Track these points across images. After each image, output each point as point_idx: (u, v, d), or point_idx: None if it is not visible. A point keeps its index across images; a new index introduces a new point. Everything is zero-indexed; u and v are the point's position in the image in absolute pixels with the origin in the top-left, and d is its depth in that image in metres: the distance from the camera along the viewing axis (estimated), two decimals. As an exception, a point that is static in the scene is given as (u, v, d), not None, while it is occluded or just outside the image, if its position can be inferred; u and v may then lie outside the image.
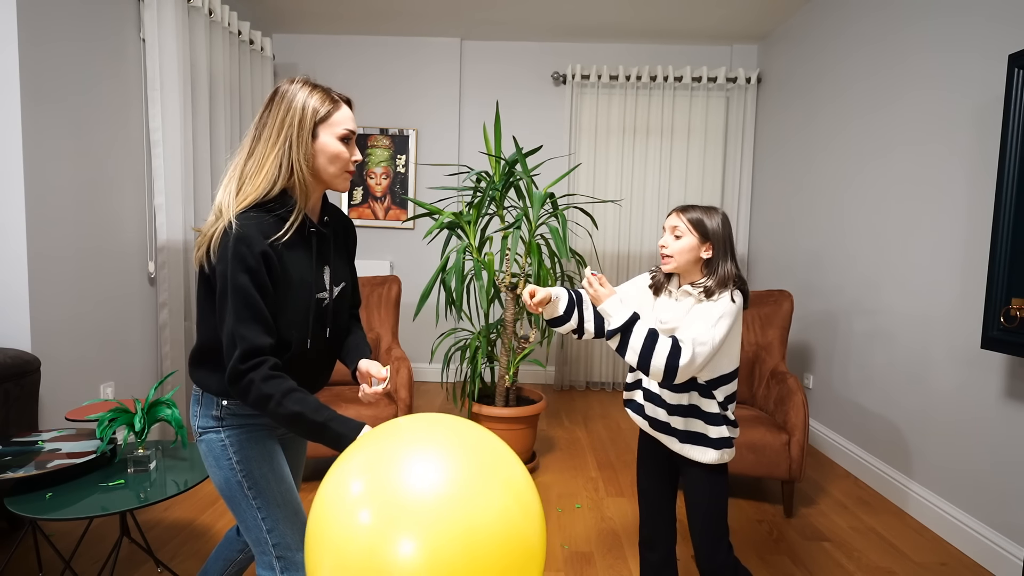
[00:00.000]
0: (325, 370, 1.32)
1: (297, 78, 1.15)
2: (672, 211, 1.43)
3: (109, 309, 2.59)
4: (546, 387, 4.44)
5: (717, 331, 1.28)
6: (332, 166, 1.15)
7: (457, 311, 2.74)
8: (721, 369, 1.38)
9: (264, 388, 1.04)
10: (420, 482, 0.78)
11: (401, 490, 0.77)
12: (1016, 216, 1.79)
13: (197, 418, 1.21)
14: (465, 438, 0.87)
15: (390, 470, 0.80)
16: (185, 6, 2.87)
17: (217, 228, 1.08)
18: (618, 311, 1.31)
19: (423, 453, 0.83)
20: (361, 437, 0.90)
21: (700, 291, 1.35)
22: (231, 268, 1.05)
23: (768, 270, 3.97)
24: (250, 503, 1.18)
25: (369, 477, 0.80)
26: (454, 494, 0.78)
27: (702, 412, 1.40)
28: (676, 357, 1.25)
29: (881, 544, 2.23)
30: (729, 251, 1.38)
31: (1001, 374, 2.07)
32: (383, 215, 4.37)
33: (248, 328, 1.05)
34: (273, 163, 1.10)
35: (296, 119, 1.10)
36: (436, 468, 0.80)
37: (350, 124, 1.16)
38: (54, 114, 2.28)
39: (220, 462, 1.18)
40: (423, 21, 3.98)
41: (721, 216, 1.39)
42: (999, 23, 2.12)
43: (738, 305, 1.32)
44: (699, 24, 3.88)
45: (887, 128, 2.73)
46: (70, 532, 2.11)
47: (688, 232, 1.37)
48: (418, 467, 0.80)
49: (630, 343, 1.29)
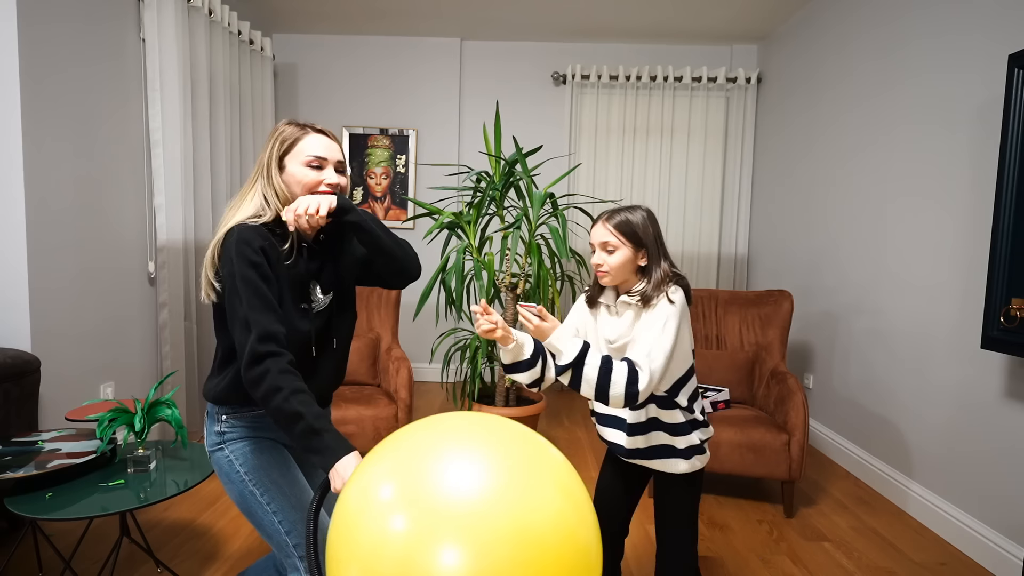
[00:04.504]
0: (334, 376, 1.33)
1: (287, 119, 1.24)
2: (595, 221, 1.36)
3: (109, 309, 2.59)
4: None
5: (666, 339, 1.22)
6: (297, 190, 1.21)
7: (457, 311, 2.74)
8: (677, 373, 1.33)
9: (278, 379, 1.05)
10: (461, 483, 0.69)
11: (440, 492, 0.68)
12: (1016, 216, 1.79)
13: (206, 437, 1.26)
14: (505, 435, 0.78)
15: (426, 471, 0.71)
16: (185, 6, 2.87)
17: (216, 242, 1.15)
18: (567, 344, 1.20)
19: (461, 452, 0.73)
20: (387, 439, 0.85)
21: (637, 299, 1.29)
22: (236, 265, 1.10)
23: (768, 270, 3.97)
24: (265, 509, 1.19)
25: (401, 479, 0.71)
26: (501, 496, 0.68)
27: (664, 424, 1.35)
28: (635, 383, 1.17)
29: (881, 544, 2.23)
30: (661, 251, 1.32)
31: (1001, 374, 2.07)
32: (383, 215, 4.37)
33: (261, 314, 1.09)
34: (256, 195, 1.20)
35: (266, 156, 1.20)
36: (478, 467, 0.71)
37: (319, 151, 1.21)
38: (54, 114, 2.28)
39: (231, 477, 1.22)
40: (423, 21, 3.98)
41: (646, 214, 1.33)
42: (999, 23, 2.12)
43: (679, 304, 1.27)
44: (699, 24, 3.88)
45: (887, 128, 2.73)
46: (70, 532, 2.11)
47: (620, 244, 1.31)
48: (457, 467, 0.71)
49: (584, 376, 1.19)
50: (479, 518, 0.66)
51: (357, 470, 0.81)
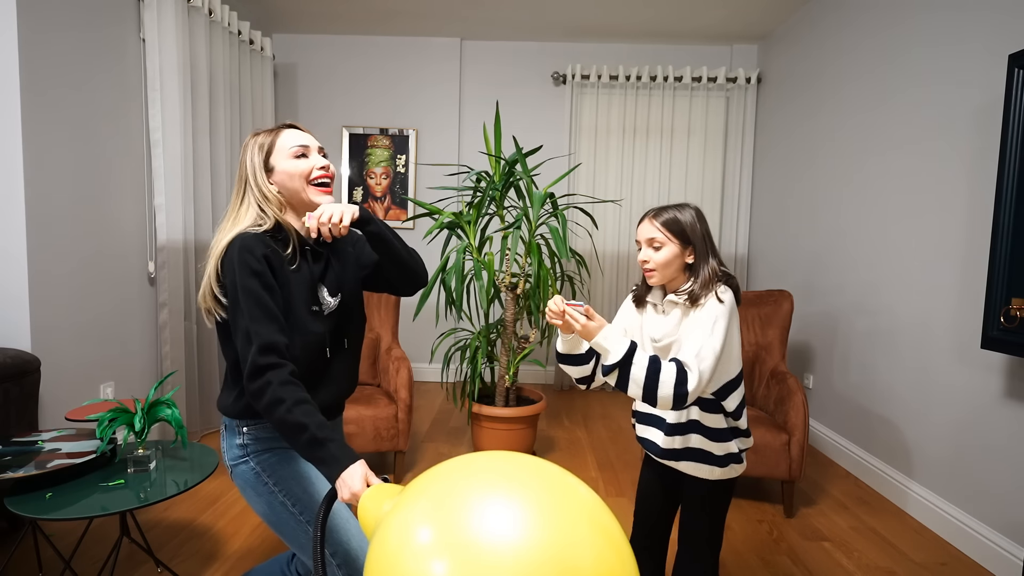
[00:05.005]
0: (347, 380, 1.32)
1: (251, 133, 1.25)
2: (643, 218, 1.33)
3: (109, 309, 2.59)
4: (546, 387, 4.44)
5: (715, 339, 1.19)
6: (294, 183, 1.21)
7: (457, 311, 2.74)
8: (727, 375, 1.29)
9: (280, 391, 1.04)
10: (503, 529, 0.65)
11: (482, 538, 0.65)
12: (1016, 216, 1.79)
13: (226, 452, 1.23)
14: (538, 475, 0.74)
15: (465, 514, 0.67)
16: (185, 6, 2.87)
17: (216, 249, 1.15)
18: (615, 344, 1.18)
19: (502, 495, 0.70)
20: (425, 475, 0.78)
21: (684, 298, 1.26)
22: (239, 275, 1.10)
23: (768, 270, 3.97)
24: (298, 520, 1.17)
25: (441, 523, 0.68)
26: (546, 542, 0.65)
27: (704, 428, 1.32)
28: (684, 384, 1.14)
29: (881, 544, 2.23)
30: (709, 249, 1.29)
31: (1001, 374, 2.06)
32: (383, 215, 4.37)
33: (262, 325, 1.09)
34: (249, 207, 1.20)
35: (248, 167, 1.21)
36: (520, 513, 0.67)
37: (298, 141, 1.22)
38: (54, 114, 2.28)
39: (258, 489, 1.19)
40: (423, 21, 3.98)
41: (695, 212, 1.30)
42: (999, 23, 2.12)
43: (728, 303, 1.23)
44: (699, 24, 3.88)
45: (887, 128, 2.73)
46: (70, 532, 2.11)
47: (667, 240, 1.28)
48: (498, 511, 0.67)
49: (631, 376, 1.16)
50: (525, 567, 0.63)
51: (394, 507, 0.76)
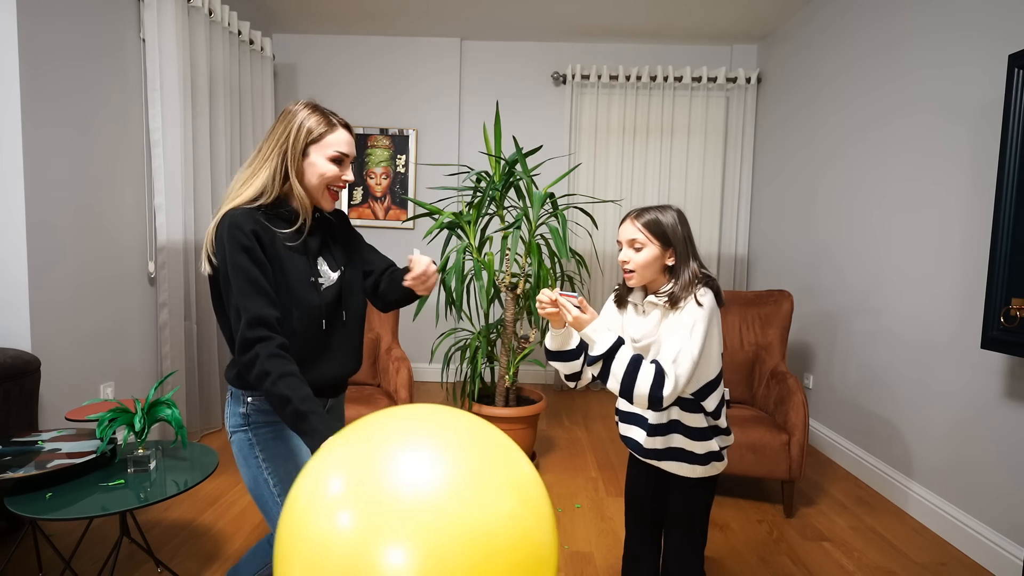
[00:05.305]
0: (349, 357, 1.32)
1: (304, 101, 1.24)
2: (625, 218, 1.34)
3: (109, 309, 2.59)
4: (546, 387, 4.45)
5: (693, 344, 1.21)
6: (318, 183, 1.23)
7: (457, 311, 2.74)
8: (707, 376, 1.31)
9: (266, 364, 1.08)
10: (413, 480, 0.67)
11: (390, 489, 0.66)
12: (1016, 216, 1.79)
13: (228, 418, 1.26)
14: (464, 432, 0.76)
15: (377, 466, 0.69)
16: (185, 6, 2.87)
17: (212, 226, 1.18)
18: (602, 336, 1.22)
19: (416, 447, 0.71)
20: (344, 429, 0.83)
21: (665, 300, 1.27)
22: (229, 251, 1.13)
23: (768, 270, 3.97)
24: (276, 500, 1.20)
25: (351, 473, 0.69)
26: (453, 494, 0.67)
27: (685, 428, 1.34)
28: (660, 387, 1.17)
29: (881, 544, 2.23)
30: (690, 251, 1.30)
31: (1001, 374, 2.06)
32: (383, 215, 4.37)
33: (251, 300, 1.12)
34: (266, 173, 1.20)
35: (291, 137, 1.20)
36: (432, 465, 0.69)
37: (343, 147, 1.24)
38: (54, 114, 2.28)
39: (248, 460, 1.23)
40: (423, 21, 3.98)
41: (676, 214, 1.31)
42: (999, 23, 2.12)
43: (708, 306, 1.24)
44: (699, 24, 3.88)
45: (887, 128, 2.73)
46: (70, 532, 2.11)
47: (648, 242, 1.29)
48: (410, 463, 0.69)
49: (612, 370, 1.20)
50: (427, 516, 0.64)
51: (310, 460, 0.79)
